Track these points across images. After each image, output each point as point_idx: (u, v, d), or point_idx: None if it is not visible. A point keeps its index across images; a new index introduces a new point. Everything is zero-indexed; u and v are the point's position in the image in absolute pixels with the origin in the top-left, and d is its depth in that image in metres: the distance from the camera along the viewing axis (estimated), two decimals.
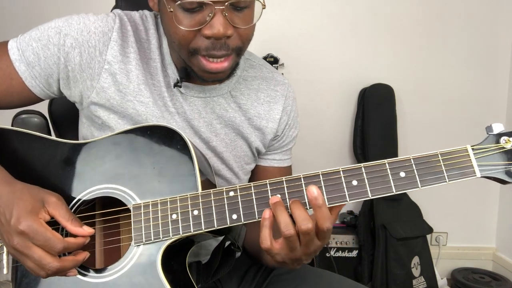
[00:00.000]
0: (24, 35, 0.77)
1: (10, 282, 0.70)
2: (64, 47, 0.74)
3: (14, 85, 0.77)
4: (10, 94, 0.78)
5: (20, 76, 0.76)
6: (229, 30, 0.67)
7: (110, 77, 0.76)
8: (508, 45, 2.10)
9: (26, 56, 0.75)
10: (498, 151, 0.60)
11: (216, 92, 0.82)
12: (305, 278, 0.85)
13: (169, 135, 0.71)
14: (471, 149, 0.60)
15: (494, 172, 0.60)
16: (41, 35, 0.75)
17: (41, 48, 0.75)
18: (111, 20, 0.77)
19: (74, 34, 0.74)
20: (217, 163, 0.85)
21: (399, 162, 0.62)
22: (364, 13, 2.04)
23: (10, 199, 0.64)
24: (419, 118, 2.12)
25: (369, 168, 0.62)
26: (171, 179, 0.69)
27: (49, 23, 0.76)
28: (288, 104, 0.90)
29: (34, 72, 0.76)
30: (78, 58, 0.75)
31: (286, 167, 0.95)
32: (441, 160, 0.61)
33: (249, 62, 0.89)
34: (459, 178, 0.60)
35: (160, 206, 0.67)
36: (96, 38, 0.75)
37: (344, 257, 1.96)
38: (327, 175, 0.62)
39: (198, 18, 0.67)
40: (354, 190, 0.62)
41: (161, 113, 0.79)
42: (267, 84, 0.88)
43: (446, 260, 2.17)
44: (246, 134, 0.86)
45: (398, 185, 0.61)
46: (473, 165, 0.60)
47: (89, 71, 0.76)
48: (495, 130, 0.61)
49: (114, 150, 0.72)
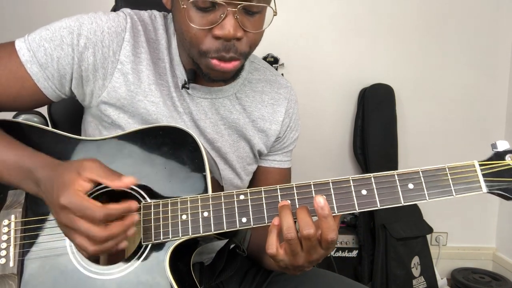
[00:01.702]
0: (32, 36, 0.75)
1: (16, 276, 0.70)
2: (78, 47, 0.74)
3: (26, 88, 0.75)
4: (22, 96, 0.76)
5: (32, 78, 0.74)
6: (239, 33, 0.68)
7: (122, 77, 0.76)
8: (508, 45, 2.10)
9: (38, 57, 0.73)
10: (503, 168, 0.62)
11: (222, 93, 0.83)
12: (305, 278, 0.85)
13: (181, 136, 0.72)
14: (478, 164, 0.62)
15: (499, 189, 0.62)
16: (53, 35, 0.73)
17: (54, 48, 0.73)
18: (122, 19, 0.77)
19: (87, 34, 0.74)
20: (220, 163, 0.86)
21: (408, 174, 0.63)
22: (364, 13, 2.04)
23: (50, 180, 0.63)
24: (419, 118, 2.12)
25: (378, 178, 0.63)
26: (182, 180, 0.70)
27: (58, 22, 0.75)
28: (290, 106, 0.91)
29: (47, 73, 0.75)
30: (92, 58, 0.74)
31: (286, 168, 0.96)
32: (449, 174, 0.62)
33: (254, 65, 0.91)
34: (466, 192, 0.62)
35: (171, 206, 0.68)
36: (109, 38, 0.75)
37: (344, 257, 1.96)
38: (337, 183, 0.63)
39: (210, 18, 0.68)
40: (363, 200, 0.63)
41: (170, 113, 0.80)
42: (271, 87, 0.90)
43: (446, 260, 2.17)
44: (249, 136, 0.87)
45: (406, 196, 0.62)
46: (480, 180, 0.61)
47: (102, 70, 0.76)
48: (499, 148, 0.63)
49: (126, 149, 0.73)
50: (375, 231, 1.92)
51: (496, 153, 0.63)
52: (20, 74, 0.74)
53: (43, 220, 0.72)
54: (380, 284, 1.87)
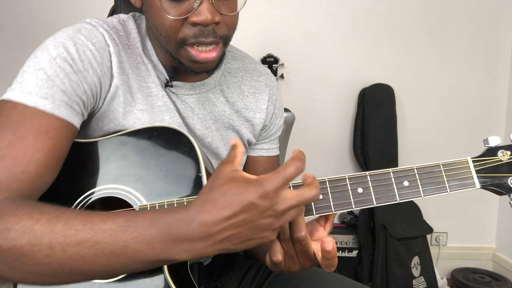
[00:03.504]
0: (29, 84, 0.65)
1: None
2: (81, 72, 0.69)
3: (66, 136, 0.66)
4: (66, 148, 0.67)
5: (69, 121, 0.66)
6: (217, 17, 0.67)
7: (113, 89, 0.74)
8: (508, 45, 2.10)
9: (58, 98, 0.65)
10: (496, 164, 0.64)
11: (205, 87, 0.82)
12: (305, 277, 0.85)
13: (175, 137, 0.71)
14: (471, 161, 0.64)
15: (492, 184, 0.64)
16: (52, 72, 0.66)
17: (64, 84, 0.66)
18: (97, 33, 0.72)
19: (79, 57, 0.69)
20: (212, 159, 0.85)
21: (403, 172, 0.64)
22: (364, 13, 2.04)
23: (184, 220, 0.52)
24: (419, 118, 2.12)
25: (374, 176, 0.64)
26: (178, 181, 0.69)
27: (42, 57, 0.67)
28: (273, 93, 0.91)
29: (76, 109, 0.68)
30: (95, 78, 0.71)
31: (274, 156, 0.96)
32: (443, 170, 0.63)
33: (231, 54, 0.90)
34: (460, 188, 0.63)
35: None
36: (99, 55, 0.71)
37: (344, 257, 1.96)
38: (333, 182, 0.64)
39: (185, 7, 0.67)
40: (360, 198, 0.63)
41: (161, 116, 0.78)
42: (250, 75, 0.89)
43: (446, 260, 2.17)
44: (237, 126, 0.87)
45: (402, 193, 0.63)
46: (473, 176, 0.63)
47: (101, 88, 0.73)
48: (491, 143, 0.64)
49: (120, 151, 0.71)
50: (375, 231, 1.92)
51: (488, 149, 0.64)
52: (53, 127, 0.64)
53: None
54: (380, 284, 1.87)
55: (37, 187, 0.63)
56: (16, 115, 0.63)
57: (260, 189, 0.50)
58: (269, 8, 2.00)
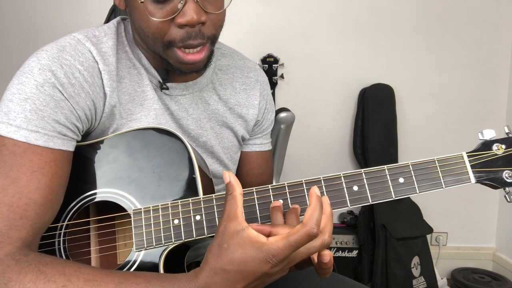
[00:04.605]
0: (17, 117, 0.61)
1: None
2: (73, 98, 0.66)
3: (61, 167, 0.64)
4: (65, 178, 0.66)
5: (64, 150, 0.65)
6: (202, 16, 0.66)
7: (108, 109, 0.72)
8: (508, 45, 2.10)
9: (51, 129, 0.63)
10: (490, 158, 0.63)
11: (197, 86, 0.82)
12: (305, 277, 0.85)
13: (168, 138, 0.70)
14: (466, 156, 0.64)
15: (487, 178, 0.63)
16: (41, 102, 0.62)
17: (56, 112, 0.63)
18: (83, 49, 0.69)
19: (68, 81, 0.65)
20: (207, 158, 0.85)
21: (398, 168, 0.64)
22: (364, 13, 2.04)
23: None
24: (419, 118, 2.12)
25: (369, 173, 0.63)
26: (172, 183, 0.68)
27: (28, 85, 0.63)
28: (263, 88, 0.92)
29: (70, 135, 0.66)
30: (88, 102, 0.68)
31: (267, 151, 0.97)
32: (438, 166, 0.63)
33: (220, 51, 0.89)
34: (455, 184, 0.63)
35: (162, 211, 0.66)
36: (88, 76, 0.68)
37: (344, 257, 1.96)
38: (328, 180, 0.64)
39: (169, 8, 0.65)
40: (355, 196, 0.63)
41: (156, 118, 0.78)
42: (241, 71, 0.90)
43: (446, 260, 2.17)
44: (231, 123, 0.87)
45: (397, 190, 0.63)
46: (468, 171, 0.63)
47: (96, 110, 0.71)
48: (486, 136, 0.65)
49: (111, 153, 0.70)
50: (375, 231, 1.92)
51: (483, 143, 0.65)
52: (46, 161, 0.62)
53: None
54: (380, 284, 1.87)
55: (38, 230, 0.62)
56: (6, 155, 0.60)
57: (273, 260, 0.52)
58: (269, 8, 2.00)
